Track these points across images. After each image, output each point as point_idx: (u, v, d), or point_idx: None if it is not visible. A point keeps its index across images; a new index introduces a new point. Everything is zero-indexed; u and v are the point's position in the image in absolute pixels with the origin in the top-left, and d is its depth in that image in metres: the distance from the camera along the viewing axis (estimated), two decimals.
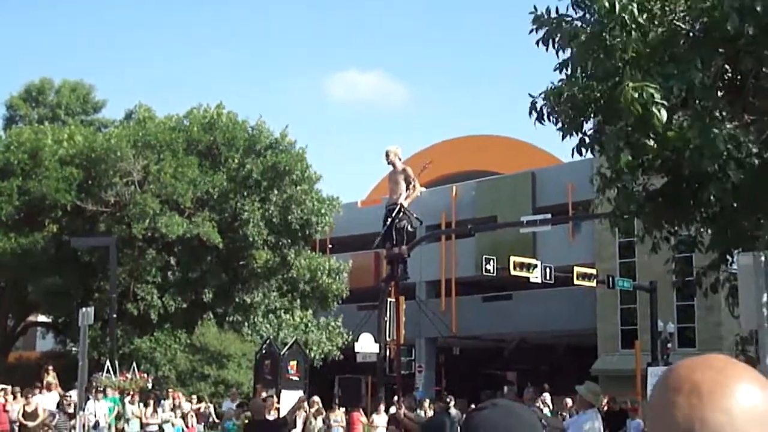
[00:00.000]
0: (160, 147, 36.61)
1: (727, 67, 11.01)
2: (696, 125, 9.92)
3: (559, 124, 11.49)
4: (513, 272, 32.35)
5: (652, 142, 9.75)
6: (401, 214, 17.59)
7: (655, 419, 1.43)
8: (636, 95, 9.41)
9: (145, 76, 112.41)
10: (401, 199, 17.76)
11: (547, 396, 28.43)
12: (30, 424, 23.00)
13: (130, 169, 35.53)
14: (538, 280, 33.49)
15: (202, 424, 27.30)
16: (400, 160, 18.11)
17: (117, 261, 32.86)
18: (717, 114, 10.37)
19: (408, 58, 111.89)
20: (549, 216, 38.89)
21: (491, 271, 33.36)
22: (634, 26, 10.13)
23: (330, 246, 49.07)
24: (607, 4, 10.07)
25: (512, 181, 49.62)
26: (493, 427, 2.05)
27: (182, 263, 36.38)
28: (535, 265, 33.27)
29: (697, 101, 10.40)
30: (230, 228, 37.31)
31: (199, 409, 28.20)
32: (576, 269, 34.41)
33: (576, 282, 34.46)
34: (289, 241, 38.12)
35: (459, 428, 17.45)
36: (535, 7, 11.41)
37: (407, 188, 17.60)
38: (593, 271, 35.74)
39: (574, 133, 11.46)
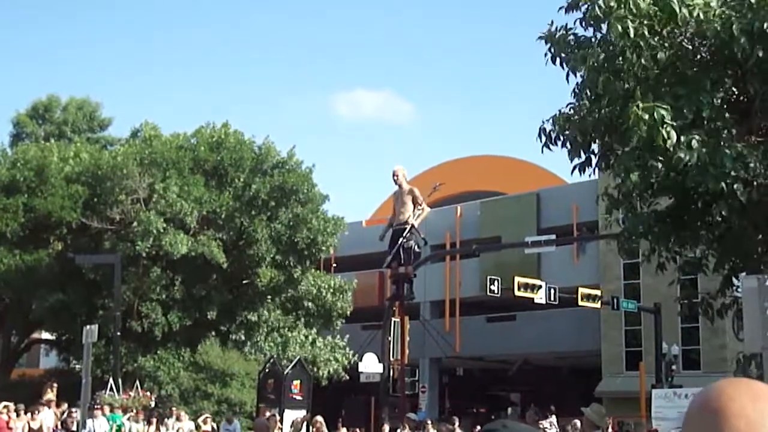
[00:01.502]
0: (166, 165, 36.65)
1: (734, 89, 11.07)
2: (705, 144, 9.96)
3: (567, 146, 11.52)
4: (517, 293, 32.35)
5: (660, 165, 9.78)
6: (410, 234, 17.54)
7: None
8: (646, 116, 9.45)
9: (151, 94, 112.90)
10: (411, 219, 17.70)
11: (553, 418, 28.36)
12: None
13: (135, 187, 35.58)
14: (543, 301, 33.48)
15: None
16: (406, 180, 18.09)
17: (121, 279, 32.86)
18: (725, 134, 10.40)
19: (416, 78, 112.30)
20: (553, 237, 38.91)
21: (495, 291, 33.36)
22: (645, 49, 10.18)
23: (334, 265, 49.06)
24: (620, 28, 10.11)
25: (517, 202, 49.64)
26: None
27: (187, 281, 36.35)
28: (540, 286, 33.27)
29: (707, 122, 10.43)
30: (236, 247, 37.32)
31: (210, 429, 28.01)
32: (580, 290, 34.41)
33: (580, 303, 34.45)
34: (295, 259, 38.11)
35: None
36: (551, 22, 11.48)
37: (415, 208, 17.56)
38: (598, 292, 35.72)
39: (581, 153, 11.49)
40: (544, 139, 11.66)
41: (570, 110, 11.58)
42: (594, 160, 11.70)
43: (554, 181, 51.39)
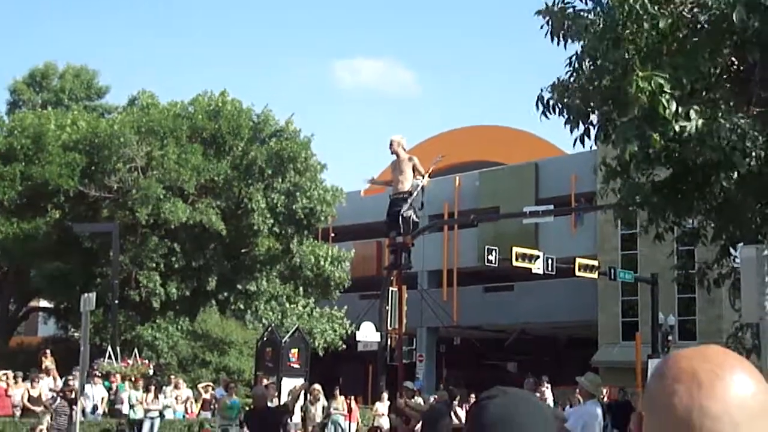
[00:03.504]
0: (164, 134, 36.59)
1: (733, 59, 11.00)
2: (704, 114, 9.90)
3: (565, 115, 11.44)
4: (515, 263, 32.37)
5: (658, 136, 9.72)
6: (409, 203, 17.36)
7: (653, 407, 1.51)
8: (645, 85, 9.38)
9: (148, 62, 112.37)
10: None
11: (547, 388, 28.44)
12: (37, 408, 23.03)
13: (133, 155, 35.51)
14: (540, 271, 33.51)
15: (210, 411, 27.23)
16: (404, 149, 17.95)
17: (119, 247, 32.87)
18: (724, 105, 10.34)
19: (417, 46, 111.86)
20: (552, 207, 38.89)
21: (493, 261, 33.39)
22: (645, 16, 10.09)
23: (332, 235, 49.10)
24: None
25: (515, 172, 49.61)
26: (509, 414, 1.99)
27: (185, 250, 36.40)
28: (537, 256, 33.30)
29: (705, 92, 10.37)
30: (234, 215, 37.34)
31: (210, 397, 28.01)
32: (578, 261, 34.43)
33: (578, 273, 34.48)
34: (293, 229, 38.14)
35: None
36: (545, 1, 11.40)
37: (415, 177, 17.42)
38: (595, 263, 35.76)
39: (579, 124, 11.42)
40: (541, 108, 11.59)
41: (569, 78, 11.50)
42: (593, 132, 11.64)
43: (553, 151, 51.34)
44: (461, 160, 52.37)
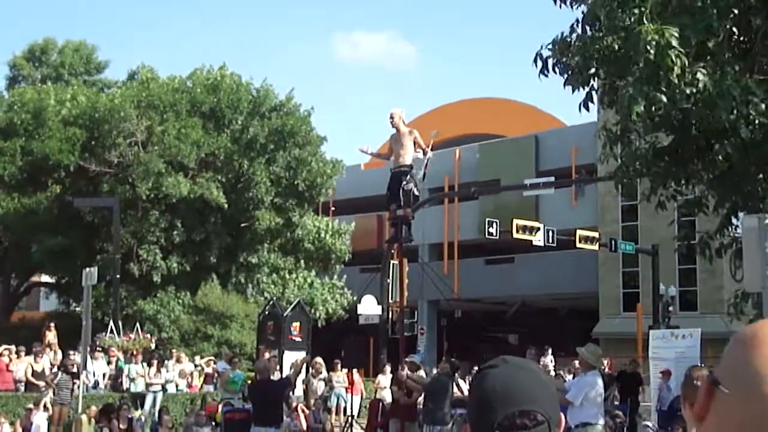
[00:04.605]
0: (164, 108, 36.51)
1: (735, 29, 10.91)
2: (711, 76, 9.80)
3: (566, 76, 11.25)
4: (516, 235, 32.37)
5: (664, 97, 9.60)
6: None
7: (758, 394, 1.32)
8: (656, 38, 9.24)
9: (147, 36, 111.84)
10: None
11: (549, 359, 28.52)
12: (40, 383, 23.11)
13: (133, 130, 35.44)
14: (541, 244, 33.52)
15: (212, 385, 27.33)
16: (404, 122, 17.86)
17: (120, 222, 32.88)
18: (729, 69, 10.25)
19: (416, 19, 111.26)
20: (552, 179, 38.85)
21: (494, 234, 33.40)
22: None
23: (333, 208, 49.10)
24: None
25: (515, 145, 49.52)
26: (509, 382, 2.03)
27: (186, 225, 36.38)
28: (538, 228, 33.29)
29: (710, 56, 10.27)
30: (234, 189, 37.31)
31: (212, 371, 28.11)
32: (578, 232, 34.43)
33: (578, 245, 34.49)
34: (295, 202, 38.16)
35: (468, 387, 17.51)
36: None
37: (415, 150, 17.34)
38: (596, 235, 35.77)
39: (581, 87, 11.26)
40: (540, 65, 11.40)
41: (570, 36, 11.30)
42: (595, 96, 11.48)
43: (553, 123, 51.26)
44: (461, 133, 52.30)
